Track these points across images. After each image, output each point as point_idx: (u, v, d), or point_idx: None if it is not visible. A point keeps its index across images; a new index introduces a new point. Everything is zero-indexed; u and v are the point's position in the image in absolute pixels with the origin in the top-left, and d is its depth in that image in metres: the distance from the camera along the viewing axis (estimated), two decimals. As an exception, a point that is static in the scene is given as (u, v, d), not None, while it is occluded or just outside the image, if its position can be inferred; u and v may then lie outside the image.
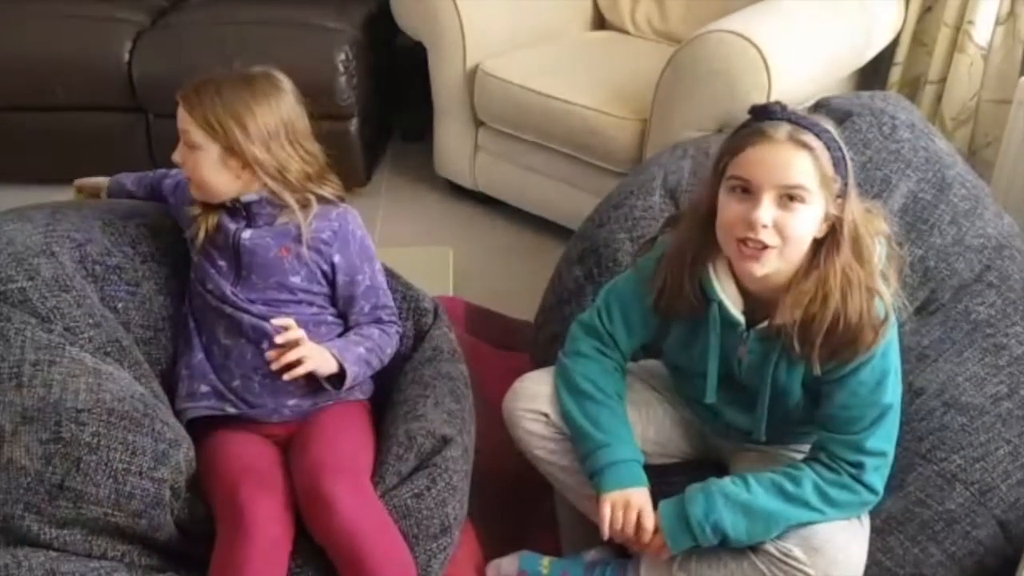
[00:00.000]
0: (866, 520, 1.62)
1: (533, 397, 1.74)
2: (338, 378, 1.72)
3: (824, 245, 1.49)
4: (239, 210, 1.75)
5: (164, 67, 3.03)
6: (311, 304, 1.78)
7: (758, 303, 1.56)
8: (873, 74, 3.02)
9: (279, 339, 1.65)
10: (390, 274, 1.98)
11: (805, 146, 1.44)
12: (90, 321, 1.68)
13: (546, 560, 1.82)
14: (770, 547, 1.54)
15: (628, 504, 1.60)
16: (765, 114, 1.48)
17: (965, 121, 2.88)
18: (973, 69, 2.81)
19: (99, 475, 1.51)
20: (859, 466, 1.54)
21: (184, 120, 1.70)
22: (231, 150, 1.68)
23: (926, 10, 2.93)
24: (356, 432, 1.74)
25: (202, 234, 1.75)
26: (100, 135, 3.18)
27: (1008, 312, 1.85)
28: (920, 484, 1.68)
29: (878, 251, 1.54)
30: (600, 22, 3.38)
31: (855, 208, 1.49)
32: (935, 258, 1.89)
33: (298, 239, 1.74)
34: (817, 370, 1.51)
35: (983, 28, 2.75)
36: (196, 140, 1.69)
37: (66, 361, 1.58)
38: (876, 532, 1.64)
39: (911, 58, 2.98)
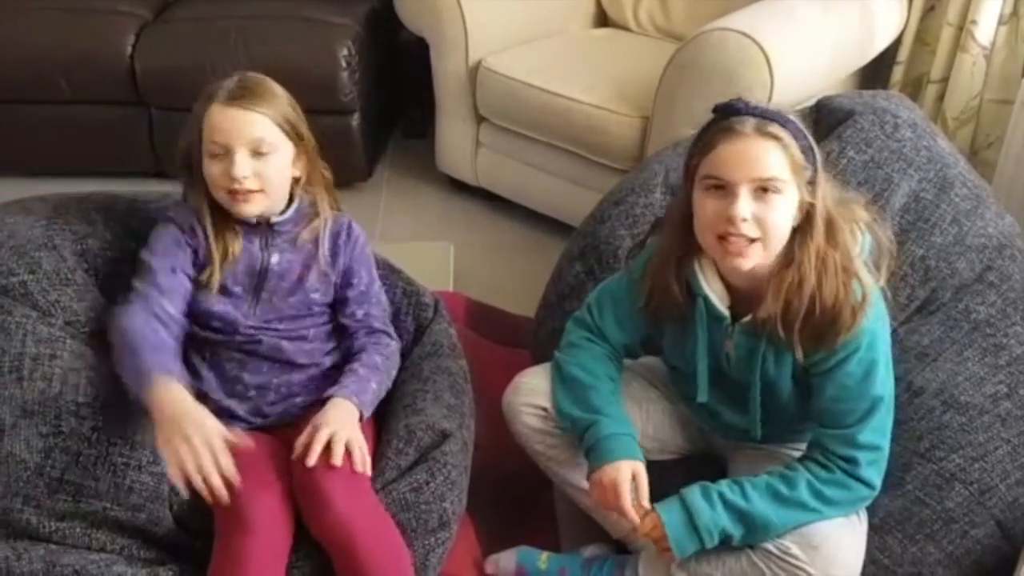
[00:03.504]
0: (864, 517, 1.63)
1: (532, 392, 1.75)
2: None
3: (799, 232, 1.50)
4: (259, 230, 1.71)
5: (167, 61, 3.04)
6: (323, 314, 1.78)
7: (743, 298, 1.57)
8: (875, 73, 3.02)
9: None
10: (391, 269, 1.98)
11: (774, 137, 1.45)
12: (91, 315, 1.68)
13: (544, 555, 1.82)
14: (769, 545, 1.55)
15: (611, 479, 1.59)
16: (730, 111, 1.48)
17: (967, 121, 2.88)
18: (975, 69, 2.80)
19: (98, 469, 1.52)
20: (852, 461, 1.54)
21: (256, 126, 1.62)
22: (301, 145, 1.68)
23: (929, 9, 2.92)
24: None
25: (219, 263, 1.68)
26: (102, 128, 3.19)
27: (1008, 312, 1.85)
28: (919, 483, 1.68)
29: (860, 240, 1.55)
30: (602, 19, 3.38)
31: (826, 193, 1.51)
32: (936, 257, 1.89)
33: (316, 255, 1.74)
34: (799, 355, 1.51)
35: (986, 28, 2.75)
36: (273, 142, 1.63)
37: (66, 355, 1.59)
38: (874, 531, 1.64)
39: (913, 57, 2.98)
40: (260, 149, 1.62)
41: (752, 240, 1.46)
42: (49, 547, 1.50)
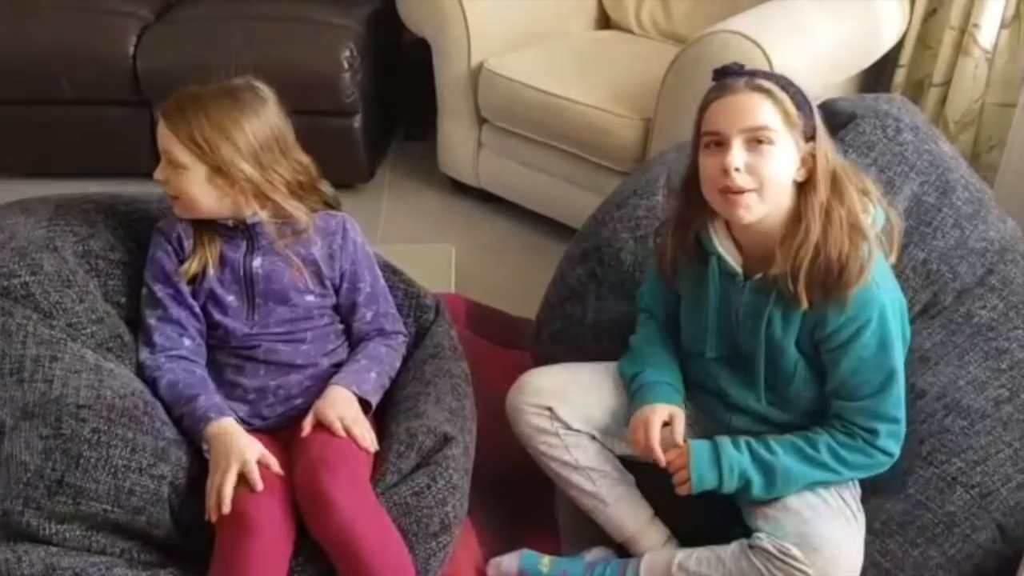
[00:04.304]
0: (862, 520, 1.64)
1: (538, 391, 1.77)
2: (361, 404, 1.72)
3: (803, 186, 1.55)
4: (240, 233, 1.71)
5: (169, 62, 3.03)
6: (322, 316, 1.78)
7: (754, 259, 1.62)
8: (877, 76, 3.02)
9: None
10: (392, 271, 1.98)
11: (763, 90, 1.52)
12: (92, 317, 1.68)
13: (546, 559, 1.82)
14: (768, 546, 1.56)
15: (645, 418, 1.67)
16: (725, 73, 1.57)
17: (969, 124, 2.88)
18: (977, 72, 2.80)
19: (99, 471, 1.51)
20: (874, 432, 1.60)
21: (167, 139, 1.63)
22: (219, 169, 1.63)
23: (931, 12, 2.92)
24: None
25: (212, 270, 1.70)
26: (104, 129, 3.19)
27: (1010, 316, 1.85)
28: (920, 487, 1.68)
29: (872, 212, 1.59)
30: (604, 21, 3.38)
31: (829, 149, 1.56)
32: (938, 261, 1.89)
33: (307, 257, 1.73)
34: (805, 304, 1.55)
35: (988, 31, 2.75)
36: (181, 160, 1.62)
37: (67, 357, 1.59)
38: (875, 534, 1.65)
39: (915, 60, 2.98)
40: (171, 162, 1.63)
41: (749, 191, 1.51)
42: (49, 550, 1.49)
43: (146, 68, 3.07)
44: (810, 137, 1.54)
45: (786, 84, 1.54)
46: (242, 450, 1.57)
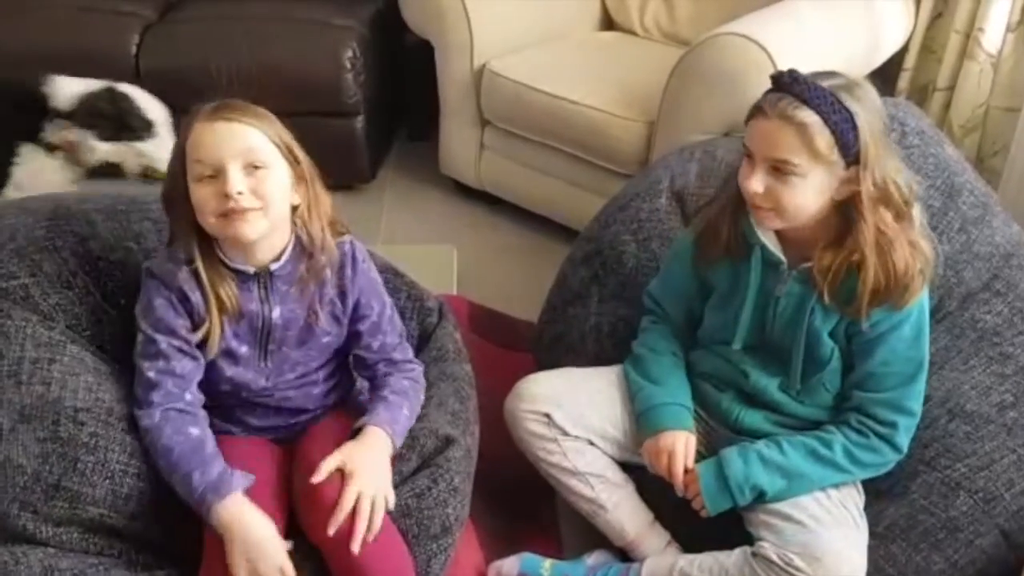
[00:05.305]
0: (864, 526, 1.64)
1: (535, 398, 1.76)
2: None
3: (851, 208, 1.55)
4: (253, 280, 1.58)
5: (171, 62, 3.03)
6: (330, 351, 1.70)
7: (795, 250, 1.63)
8: (882, 80, 3.01)
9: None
10: (394, 273, 1.97)
11: (796, 123, 1.49)
12: (92, 318, 1.68)
13: (547, 563, 1.82)
14: (772, 554, 1.55)
15: (668, 446, 1.69)
16: (775, 84, 1.55)
17: (973, 129, 2.87)
18: (982, 76, 2.80)
19: (96, 475, 1.50)
20: (893, 426, 1.62)
21: (247, 138, 1.47)
22: (298, 169, 1.53)
23: (936, 16, 2.92)
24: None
25: (217, 319, 1.55)
26: (105, 129, 3.18)
27: (1015, 321, 1.85)
28: (924, 491, 1.68)
29: (917, 212, 1.60)
30: (608, 23, 3.37)
31: (884, 169, 1.53)
32: (943, 266, 1.88)
33: (323, 297, 1.62)
34: (865, 325, 1.58)
35: (993, 35, 2.75)
36: (266, 158, 1.48)
37: (66, 359, 1.58)
38: (879, 539, 1.65)
39: (920, 64, 2.98)
40: (254, 162, 1.47)
41: (767, 209, 1.55)
42: (47, 551, 1.49)
43: (148, 68, 3.06)
44: (851, 163, 1.52)
45: (831, 112, 1.49)
46: (267, 554, 1.46)
